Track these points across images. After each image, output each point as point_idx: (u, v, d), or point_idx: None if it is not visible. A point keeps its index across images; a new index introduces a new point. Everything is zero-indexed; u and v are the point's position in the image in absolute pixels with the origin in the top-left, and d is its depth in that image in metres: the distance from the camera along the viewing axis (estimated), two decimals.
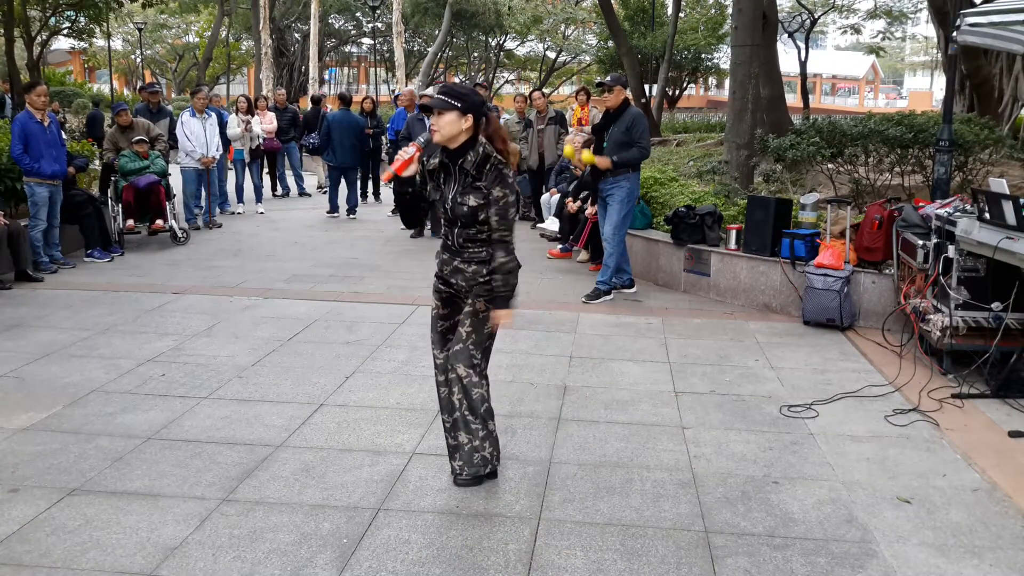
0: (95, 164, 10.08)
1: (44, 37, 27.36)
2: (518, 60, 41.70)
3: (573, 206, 8.56)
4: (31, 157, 7.46)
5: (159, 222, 8.97)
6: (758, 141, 8.63)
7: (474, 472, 3.47)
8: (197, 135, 10.09)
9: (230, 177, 12.08)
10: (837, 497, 3.49)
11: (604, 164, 6.55)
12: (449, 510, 3.33)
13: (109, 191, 9.11)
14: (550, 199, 9.77)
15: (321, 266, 8.18)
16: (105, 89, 37.71)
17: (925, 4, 17.85)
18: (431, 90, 11.77)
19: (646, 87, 21.39)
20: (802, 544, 3.12)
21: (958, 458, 3.90)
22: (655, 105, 19.70)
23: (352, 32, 42.36)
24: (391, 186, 3.42)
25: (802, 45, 21.28)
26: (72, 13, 26.34)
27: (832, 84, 64.98)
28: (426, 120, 9.74)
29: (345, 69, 53.59)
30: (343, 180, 11.42)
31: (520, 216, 11.05)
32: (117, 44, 44.09)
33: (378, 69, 41.77)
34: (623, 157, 6.53)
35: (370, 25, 37.28)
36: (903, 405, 4.57)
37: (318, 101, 15.02)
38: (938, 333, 4.92)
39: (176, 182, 10.01)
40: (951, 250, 4.96)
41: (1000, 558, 3.05)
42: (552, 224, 9.25)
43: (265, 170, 13.15)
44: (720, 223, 7.10)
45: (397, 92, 19.05)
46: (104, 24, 27.16)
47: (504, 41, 38.32)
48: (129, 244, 9.06)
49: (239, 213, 11.79)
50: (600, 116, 7.44)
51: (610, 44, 25.22)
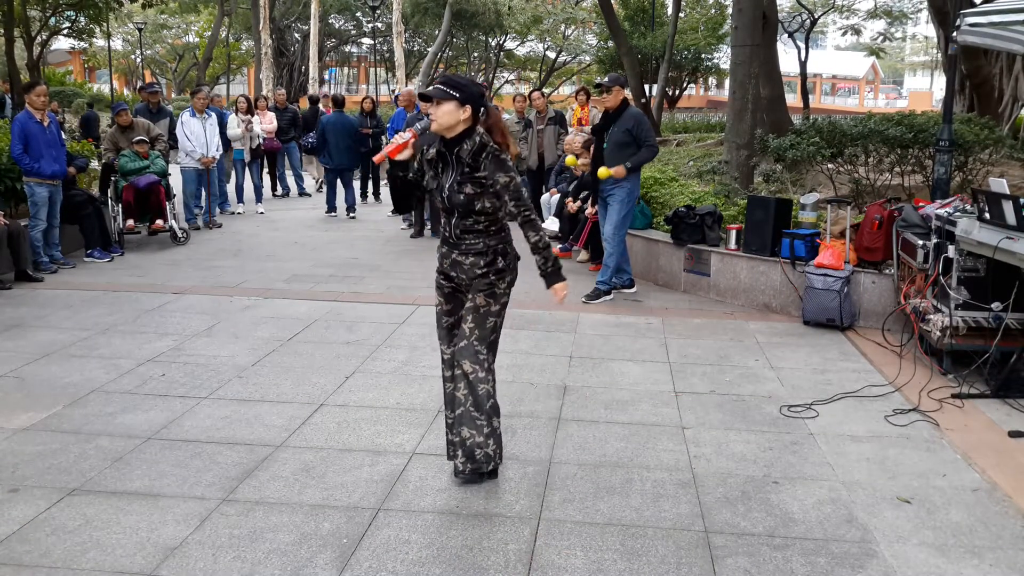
0: (95, 164, 10.08)
1: (44, 37, 27.39)
2: (518, 60, 41.71)
3: (573, 206, 8.56)
4: (31, 157, 7.47)
5: (159, 222, 8.97)
6: (758, 141, 8.63)
7: (476, 468, 3.46)
8: (197, 135, 10.09)
9: (231, 177, 12.12)
10: (837, 497, 3.49)
11: (621, 174, 6.52)
12: (449, 510, 3.33)
13: (109, 191, 9.11)
14: (550, 199, 9.77)
15: (321, 266, 8.18)
16: (105, 89, 37.73)
17: (925, 4, 17.85)
18: (431, 90, 11.74)
19: (646, 87, 21.38)
20: (802, 544, 3.12)
21: (958, 458, 3.90)
22: (655, 105, 19.69)
23: (352, 32, 42.36)
24: (384, 168, 3.45)
25: (802, 45, 21.27)
26: (72, 13, 26.37)
27: (832, 84, 64.98)
28: (425, 120, 9.82)
29: (345, 69, 53.61)
30: (339, 181, 11.49)
31: None
32: (117, 44, 44.11)
33: (378, 69, 41.79)
34: (636, 161, 6.52)
35: (370, 25, 37.28)
36: (903, 405, 4.57)
37: (316, 101, 15.09)
38: (938, 333, 4.92)
39: (176, 182, 10.01)
40: (951, 250, 4.96)
41: (1000, 558, 3.05)
42: (552, 224, 9.25)
43: (265, 170, 13.18)
44: (720, 223, 7.10)
45: (397, 92, 19.07)
46: (104, 24, 27.19)
47: (504, 41, 38.33)
48: (129, 244, 9.06)
49: (239, 213, 11.79)
50: (599, 116, 7.44)
51: (610, 44, 25.22)
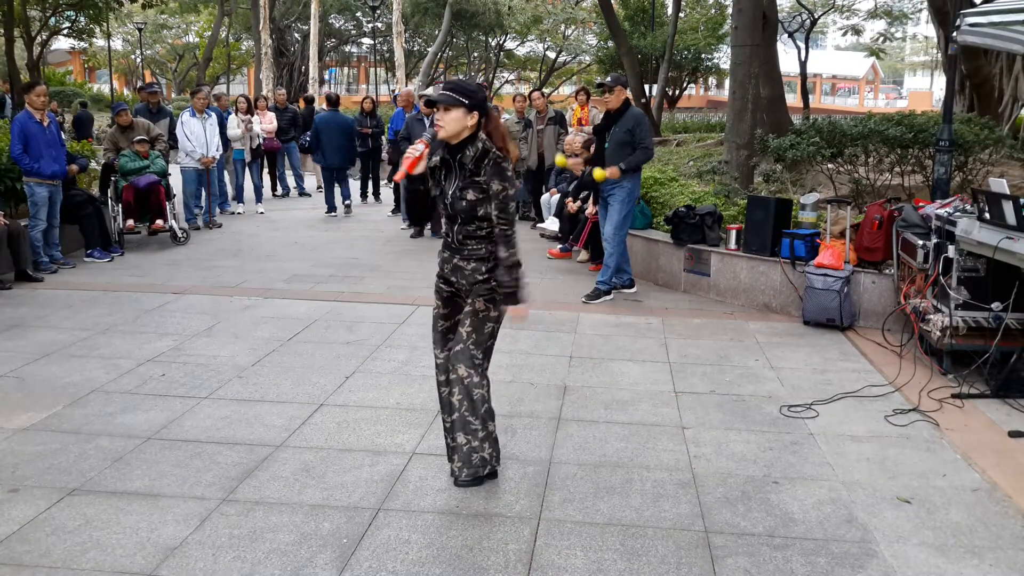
0: (95, 164, 10.08)
1: (44, 37, 27.42)
2: (518, 60, 41.69)
3: (573, 206, 8.56)
4: (31, 157, 7.47)
5: (159, 222, 8.97)
6: (758, 141, 8.63)
7: (473, 473, 3.46)
8: (197, 135, 10.10)
9: (230, 177, 12.13)
10: (837, 497, 3.49)
11: (615, 175, 6.52)
12: (449, 510, 3.33)
13: (109, 191, 9.10)
14: (550, 199, 9.77)
15: (321, 266, 8.18)
16: (105, 89, 37.75)
17: (925, 4, 17.85)
18: (431, 90, 11.77)
19: (646, 87, 21.38)
20: (802, 544, 3.12)
21: (958, 458, 3.90)
22: (655, 105, 19.69)
23: (352, 32, 42.34)
24: (403, 185, 3.40)
25: (802, 45, 21.26)
26: (72, 13, 26.38)
27: (832, 84, 64.98)
28: (425, 120, 9.84)
29: (345, 69, 53.61)
30: (335, 180, 11.67)
31: (520, 216, 11.09)
32: (117, 44, 44.12)
33: (378, 69, 41.77)
34: (630, 162, 6.52)
35: (370, 25, 37.27)
36: (903, 405, 4.57)
37: (311, 101, 15.25)
38: (938, 333, 4.92)
39: (176, 182, 10.01)
40: (951, 250, 4.96)
41: (1000, 558, 3.05)
42: (552, 224, 9.26)
43: (265, 170, 13.21)
44: (720, 223, 7.10)
45: (396, 92, 19.11)
46: (104, 24, 27.21)
47: (504, 41, 38.32)
48: (129, 244, 9.06)
49: (239, 213, 11.80)
50: (600, 116, 7.44)
51: (610, 44, 25.22)
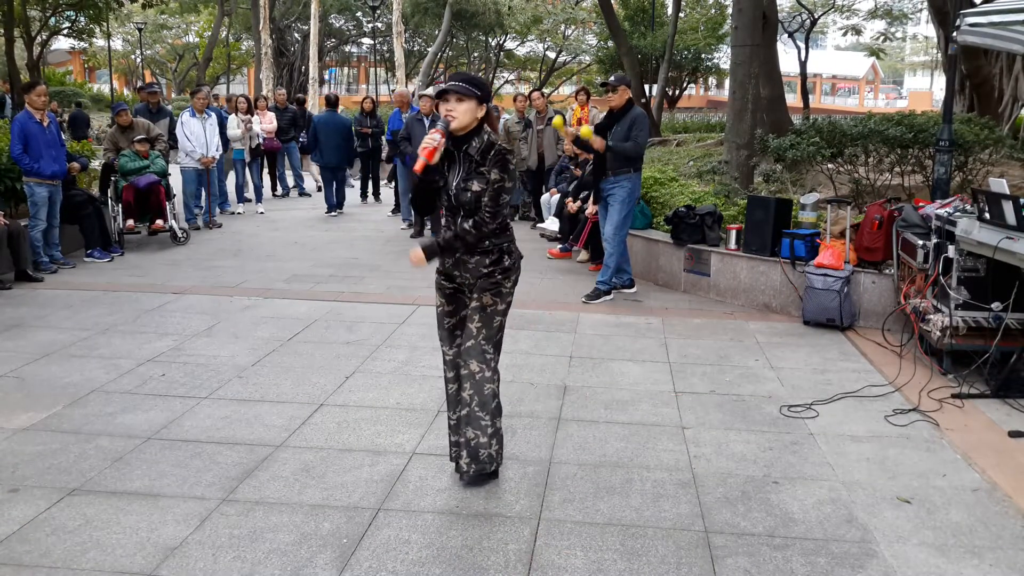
0: (95, 164, 10.08)
1: (44, 37, 27.43)
2: (518, 60, 41.68)
3: (573, 206, 8.56)
4: (31, 157, 7.46)
5: (159, 222, 8.97)
6: (758, 141, 8.63)
7: (480, 469, 3.45)
8: (197, 135, 10.10)
9: (232, 177, 12.13)
10: (837, 497, 3.49)
11: (598, 144, 6.52)
12: (449, 510, 3.33)
13: (109, 191, 9.10)
14: (550, 199, 9.77)
15: (321, 266, 8.18)
16: (105, 89, 37.75)
17: (925, 4, 17.85)
18: (431, 90, 11.76)
19: (646, 87, 21.38)
20: (802, 544, 3.12)
21: (958, 458, 3.90)
22: (655, 105, 19.70)
23: (352, 32, 42.33)
24: (418, 177, 3.35)
25: (802, 45, 21.26)
26: (72, 13, 26.39)
27: (832, 84, 64.98)
28: (425, 120, 9.83)
29: (345, 69, 53.60)
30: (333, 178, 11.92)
31: (520, 216, 11.09)
32: (117, 44, 44.12)
33: (378, 69, 41.77)
34: (618, 146, 6.52)
35: (370, 25, 37.27)
36: (903, 405, 4.57)
37: (302, 103, 15.44)
38: (938, 333, 4.92)
39: (176, 182, 10.01)
40: (951, 250, 4.96)
41: (1000, 558, 3.05)
42: (552, 224, 9.25)
43: (265, 170, 13.23)
44: (720, 223, 7.10)
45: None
46: (104, 24, 27.21)
47: (504, 41, 38.31)
48: (129, 244, 9.06)
49: (239, 213, 11.80)
50: (599, 115, 7.44)
51: (610, 44, 25.22)
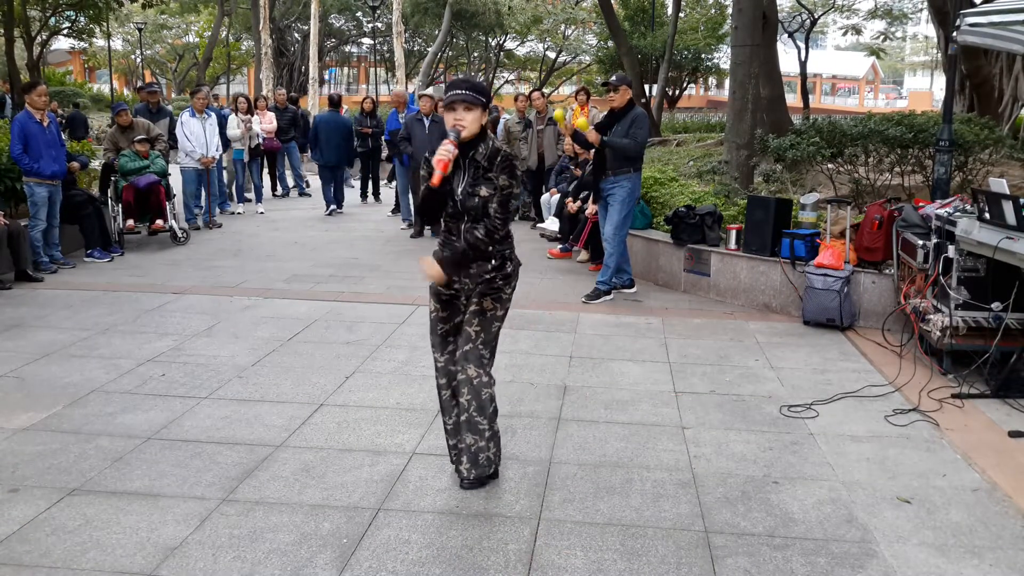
0: (95, 164, 10.08)
1: (44, 37, 27.41)
2: (518, 60, 41.66)
3: (573, 206, 8.56)
4: (30, 157, 7.46)
5: (159, 222, 8.97)
6: (758, 141, 8.63)
7: (480, 473, 3.46)
8: (197, 135, 10.10)
9: (229, 177, 12.16)
10: (837, 497, 3.49)
11: (593, 137, 6.52)
12: (449, 510, 3.33)
13: (109, 191, 9.11)
14: (550, 199, 9.77)
15: (321, 266, 8.18)
16: (105, 89, 37.74)
17: (925, 4, 17.85)
18: (431, 90, 11.75)
19: (646, 87, 21.37)
20: (802, 544, 3.12)
21: (958, 458, 3.90)
22: (655, 105, 19.69)
23: (352, 32, 42.32)
24: (431, 189, 3.28)
25: (802, 45, 21.25)
26: (72, 13, 26.38)
27: (832, 84, 64.96)
28: (424, 120, 9.82)
29: (345, 69, 53.55)
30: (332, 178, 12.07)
31: (520, 216, 11.08)
32: (117, 44, 44.10)
33: (378, 69, 41.75)
34: (614, 142, 6.52)
35: (370, 25, 37.25)
36: (903, 405, 4.57)
37: (295, 101, 15.47)
38: (938, 333, 4.92)
39: (176, 182, 10.01)
40: (951, 250, 4.96)
41: (1000, 558, 3.05)
42: (552, 224, 9.25)
43: (265, 170, 13.23)
44: (720, 223, 7.10)
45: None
46: (104, 24, 27.20)
47: (504, 41, 38.29)
48: (129, 244, 9.06)
49: (239, 213, 11.81)
50: (600, 116, 7.43)
51: (610, 44, 25.21)
